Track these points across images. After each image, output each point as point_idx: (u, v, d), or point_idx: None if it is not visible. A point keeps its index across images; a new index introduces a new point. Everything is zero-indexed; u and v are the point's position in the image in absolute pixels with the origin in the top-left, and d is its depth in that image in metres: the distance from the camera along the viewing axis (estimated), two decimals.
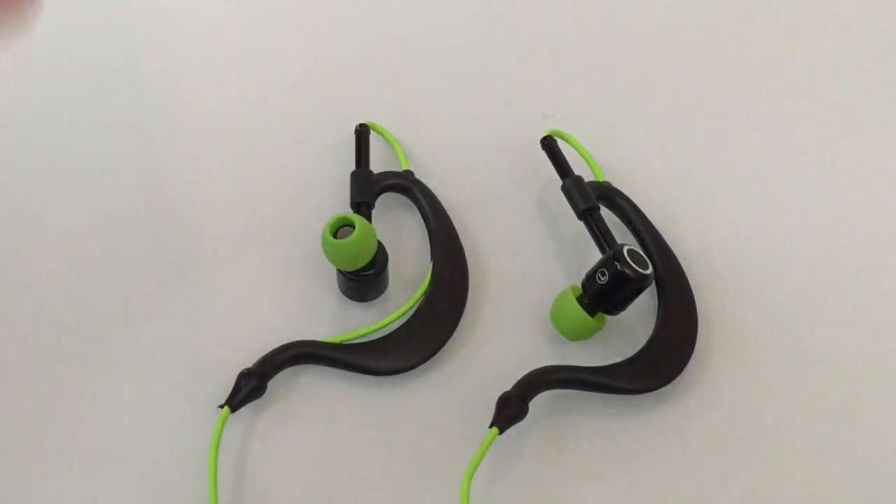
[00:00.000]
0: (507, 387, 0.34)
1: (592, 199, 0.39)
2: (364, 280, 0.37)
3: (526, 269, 0.40)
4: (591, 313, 0.36)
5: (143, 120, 0.45)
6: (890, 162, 0.44)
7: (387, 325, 0.37)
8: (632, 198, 0.40)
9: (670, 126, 0.46)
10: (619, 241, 0.37)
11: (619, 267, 0.34)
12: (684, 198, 0.42)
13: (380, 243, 0.37)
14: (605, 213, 0.40)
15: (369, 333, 0.37)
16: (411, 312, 0.37)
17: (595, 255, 0.37)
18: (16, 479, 0.34)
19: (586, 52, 0.49)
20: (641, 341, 0.37)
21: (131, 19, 0.49)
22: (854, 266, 0.40)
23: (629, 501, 0.34)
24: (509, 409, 0.33)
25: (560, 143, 0.41)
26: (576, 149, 0.41)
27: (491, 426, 0.33)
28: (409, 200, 0.41)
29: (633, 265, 0.34)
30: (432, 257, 0.39)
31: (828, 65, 0.49)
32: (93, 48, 0.47)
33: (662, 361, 0.36)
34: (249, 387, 0.34)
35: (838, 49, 0.49)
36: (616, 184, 0.41)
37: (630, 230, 0.40)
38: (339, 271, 0.37)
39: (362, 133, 0.42)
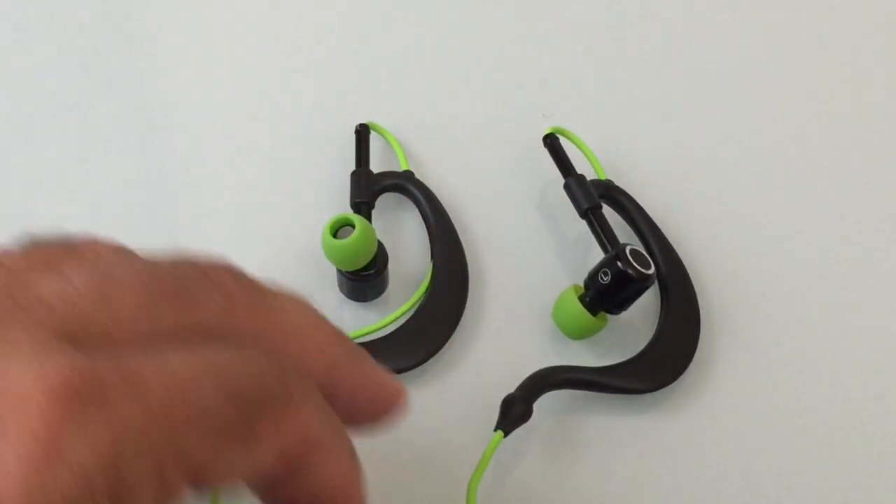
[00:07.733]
0: (509, 386, 0.34)
1: (595, 198, 0.38)
2: (364, 280, 0.37)
3: (527, 268, 0.40)
4: (593, 312, 0.36)
5: (140, 119, 0.45)
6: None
7: (387, 325, 0.37)
8: (634, 196, 0.40)
9: (673, 124, 0.45)
10: (621, 240, 0.37)
11: (621, 266, 0.34)
12: (687, 196, 0.42)
13: (380, 243, 0.37)
14: (608, 211, 0.39)
15: (369, 333, 0.36)
16: (411, 312, 0.37)
17: (597, 255, 0.37)
18: None
19: (587, 50, 0.48)
20: (643, 340, 0.37)
21: (129, 17, 0.49)
22: (859, 266, 0.40)
23: (636, 501, 0.34)
24: (514, 412, 0.33)
25: (562, 141, 0.41)
26: (578, 146, 0.41)
27: (496, 429, 0.33)
28: (409, 200, 0.41)
29: (636, 265, 0.34)
30: (432, 257, 0.39)
31: (836, 65, 0.48)
32: (90, 45, 0.47)
33: (666, 360, 0.36)
34: None
35: (849, 50, 0.49)
36: (618, 182, 0.41)
37: (632, 229, 0.40)
38: (339, 271, 0.37)
39: (362, 133, 0.42)
